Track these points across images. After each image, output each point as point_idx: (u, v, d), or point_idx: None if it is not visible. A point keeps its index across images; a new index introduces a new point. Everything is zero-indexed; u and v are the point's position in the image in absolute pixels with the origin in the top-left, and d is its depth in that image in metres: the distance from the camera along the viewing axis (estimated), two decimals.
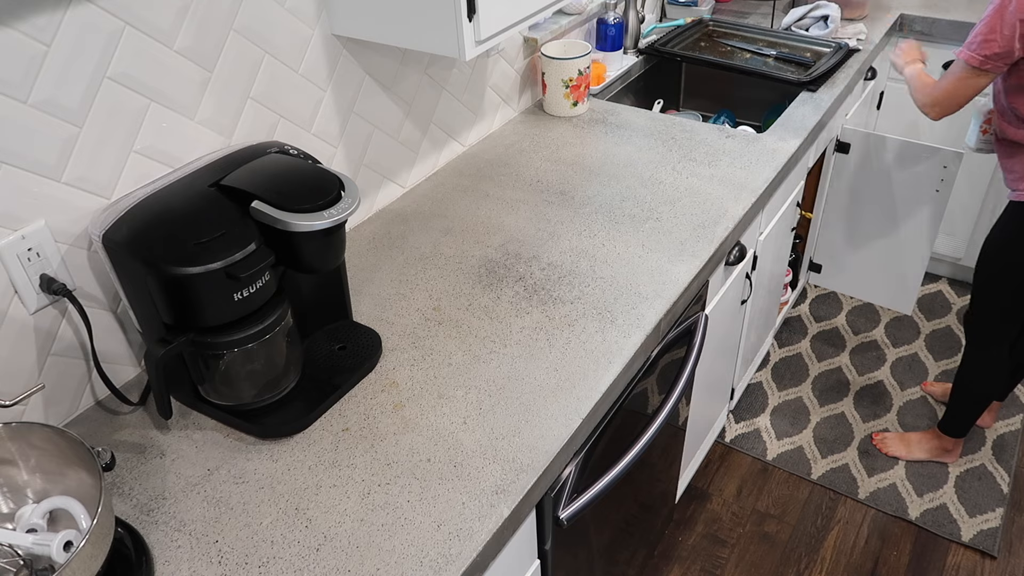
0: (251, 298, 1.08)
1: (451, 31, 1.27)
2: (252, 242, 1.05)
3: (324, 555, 1.00)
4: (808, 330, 2.82)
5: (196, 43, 1.20)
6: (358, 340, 1.30)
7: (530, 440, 1.14)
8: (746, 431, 2.45)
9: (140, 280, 1.05)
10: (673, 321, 1.44)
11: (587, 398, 1.20)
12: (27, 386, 1.13)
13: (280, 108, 1.38)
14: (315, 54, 1.41)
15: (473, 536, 1.02)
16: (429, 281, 1.46)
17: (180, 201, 1.09)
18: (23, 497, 1.01)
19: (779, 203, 2.02)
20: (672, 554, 2.13)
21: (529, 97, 2.06)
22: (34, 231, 1.08)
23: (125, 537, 1.01)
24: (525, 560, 1.23)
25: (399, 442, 1.15)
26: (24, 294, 1.10)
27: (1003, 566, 2.06)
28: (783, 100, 2.11)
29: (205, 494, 1.09)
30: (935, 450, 2.30)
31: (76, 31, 1.05)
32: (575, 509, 1.25)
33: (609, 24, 2.18)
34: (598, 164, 1.80)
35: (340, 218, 1.08)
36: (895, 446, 2.35)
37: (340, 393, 1.22)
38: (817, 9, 2.43)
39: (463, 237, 1.57)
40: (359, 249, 1.55)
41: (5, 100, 1.01)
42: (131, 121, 1.16)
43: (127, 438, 1.18)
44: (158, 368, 1.06)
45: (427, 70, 1.67)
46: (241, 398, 1.17)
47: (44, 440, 0.97)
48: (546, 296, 1.40)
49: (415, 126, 1.69)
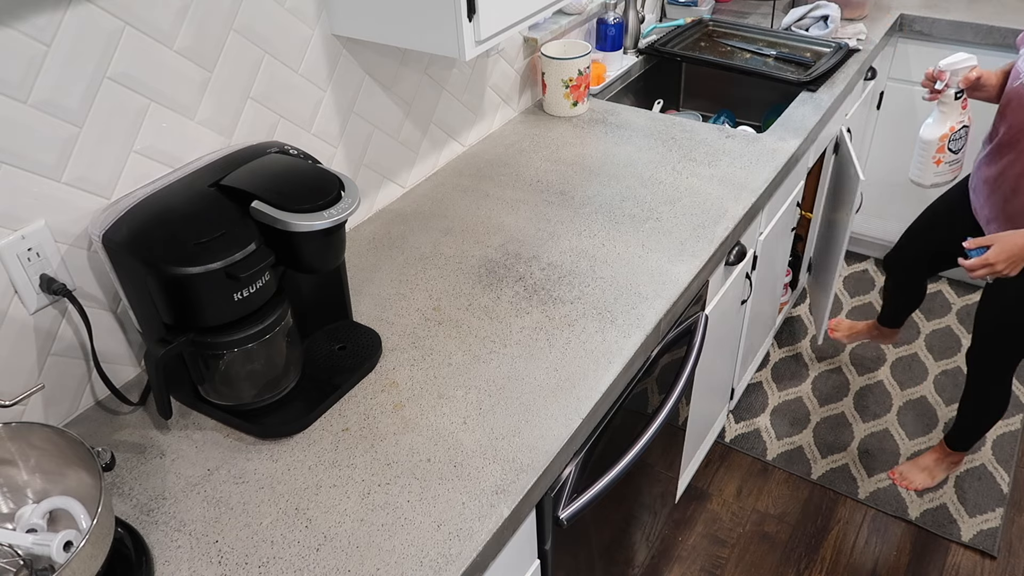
0: (251, 298, 1.08)
1: (451, 31, 1.27)
2: (252, 242, 1.05)
3: (324, 555, 1.00)
4: (808, 330, 2.82)
5: (196, 43, 1.20)
6: (358, 340, 1.30)
7: (530, 440, 1.14)
8: (746, 431, 2.45)
9: (140, 280, 1.05)
10: (673, 321, 1.44)
11: (587, 398, 1.20)
12: (27, 386, 1.13)
13: (280, 108, 1.38)
14: (315, 54, 1.41)
15: (473, 536, 1.02)
16: (429, 281, 1.46)
17: (180, 201, 1.09)
18: (23, 497, 1.01)
19: (779, 203, 2.02)
20: (672, 554, 2.13)
21: (529, 97, 2.06)
22: (34, 231, 1.08)
23: (125, 537, 1.01)
24: (525, 560, 1.23)
25: (399, 442, 1.15)
26: (24, 294, 1.10)
27: (1003, 566, 2.06)
28: (783, 100, 2.11)
29: (205, 494, 1.09)
30: (952, 466, 2.26)
31: (76, 31, 1.05)
32: (575, 509, 1.25)
33: (609, 24, 2.18)
34: (598, 164, 1.80)
35: (340, 218, 1.08)
36: (917, 477, 2.27)
37: (340, 393, 1.22)
38: (817, 9, 2.43)
39: (463, 237, 1.57)
40: (359, 249, 1.55)
41: (5, 100, 1.01)
42: (131, 121, 1.16)
43: (127, 438, 1.18)
44: (158, 368, 1.06)
45: (427, 70, 1.67)
46: (241, 398, 1.17)
47: (44, 440, 0.97)
48: (546, 296, 1.40)
49: (415, 126, 1.69)
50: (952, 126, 1.61)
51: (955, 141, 1.61)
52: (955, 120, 1.62)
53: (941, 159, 1.64)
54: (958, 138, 1.61)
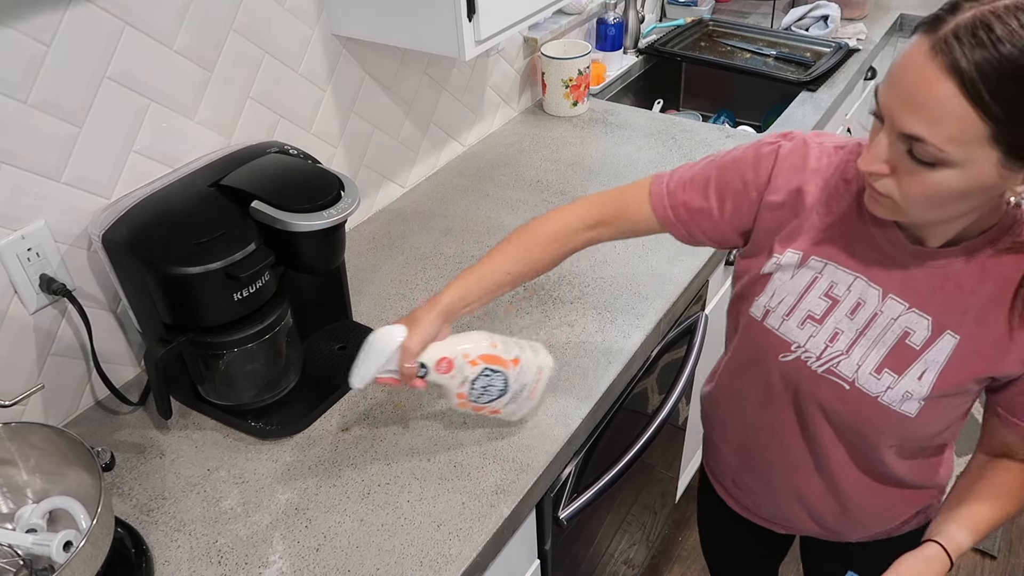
0: (251, 298, 1.08)
1: (451, 31, 1.27)
2: (252, 242, 1.05)
3: (324, 555, 1.00)
4: None
5: (196, 43, 1.20)
6: (358, 340, 1.28)
7: (530, 440, 1.14)
8: None
9: (140, 280, 1.05)
10: (673, 321, 1.44)
11: (587, 398, 1.20)
12: (27, 386, 1.12)
13: (280, 108, 1.38)
14: (315, 54, 1.41)
15: (473, 536, 1.02)
16: (429, 281, 1.45)
17: (180, 201, 1.09)
18: (23, 497, 1.01)
19: None
20: (672, 554, 2.13)
21: (529, 97, 2.06)
22: (34, 231, 1.08)
23: (125, 537, 1.01)
24: (525, 560, 1.23)
25: (399, 442, 1.15)
26: (24, 294, 1.10)
27: (1003, 566, 2.06)
28: (783, 100, 2.11)
29: (205, 494, 1.09)
30: None
31: (76, 31, 1.05)
32: (575, 509, 1.25)
33: (609, 24, 2.18)
34: (598, 164, 1.80)
35: (340, 218, 1.08)
36: None
37: (340, 393, 1.22)
38: (817, 9, 2.43)
39: (463, 237, 1.57)
40: (359, 249, 1.55)
41: (5, 100, 1.01)
42: (131, 121, 1.16)
43: (127, 438, 1.18)
44: (158, 368, 1.06)
45: (427, 70, 1.67)
46: (241, 398, 1.17)
47: (44, 440, 0.97)
48: (546, 296, 1.40)
49: (415, 126, 1.69)
50: (460, 393, 1.07)
51: (483, 394, 1.08)
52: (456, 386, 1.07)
53: (496, 408, 1.11)
54: (483, 390, 1.08)
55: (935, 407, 0.93)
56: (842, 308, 0.95)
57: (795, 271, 0.98)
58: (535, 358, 1.12)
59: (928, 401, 0.93)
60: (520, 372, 1.09)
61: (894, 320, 0.93)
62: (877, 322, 0.94)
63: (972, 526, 0.98)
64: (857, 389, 0.95)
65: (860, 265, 0.94)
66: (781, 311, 0.99)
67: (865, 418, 0.97)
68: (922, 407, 0.93)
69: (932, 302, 0.91)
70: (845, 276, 0.95)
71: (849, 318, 0.95)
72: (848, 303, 0.95)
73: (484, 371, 1.06)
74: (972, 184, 0.76)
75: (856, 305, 0.95)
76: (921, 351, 0.92)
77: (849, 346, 0.95)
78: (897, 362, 0.93)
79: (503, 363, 1.08)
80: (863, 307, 0.94)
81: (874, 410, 0.95)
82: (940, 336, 0.91)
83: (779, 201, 0.97)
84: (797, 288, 0.98)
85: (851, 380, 0.96)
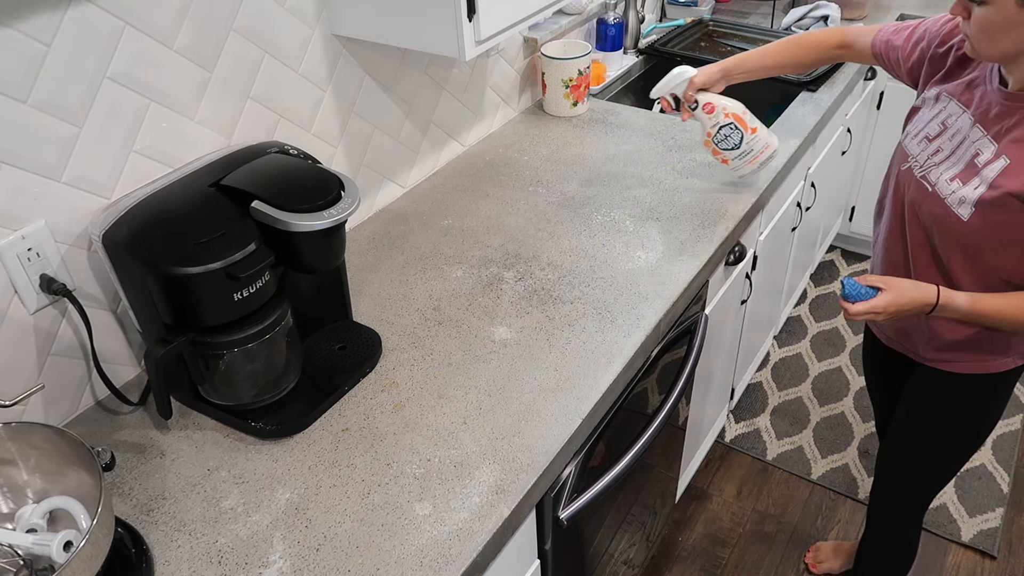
0: (251, 298, 1.08)
1: (451, 31, 1.27)
2: (252, 242, 1.05)
3: (324, 555, 1.00)
4: (808, 330, 2.82)
5: (196, 43, 1.20)
6: (358, 340, 1.30)
7: (530, 440, 1.14)
8: (746, 431, 2.45)
9: (140, 280, 1.05)
10: (673, 321, 1.44)
11: (587, 398, 1.20)
12: (27, 386, 1.13)
13: (280, 108, 1.38)
14: (315, 54, 1.41)
15: (473, 536, 1.02)
16: (429, 281, 1.46)
17: (180, 201, 1.09)
18: (23, 497, 1.01)
19: (779, 203, 2.02)
20: (672, 554, 2.13)
21: (529, 97, 2.06)
22: (34, 231, 1.08)
23: (125, 537, 1.01)
24: (525, 560, 1.23)
25: (399, 442, 1.15)
26: (24, 294, 1.10)
27: (1003, 566, 2.06)
28: (783, 100, 2.11)
29: (205, 494, 1.09)
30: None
31: (76, 31, 1.05)
32: (575, 509, 1.25)
33: (609, 24, 2.19)
34: (598, 164, 1.80)
35: (340, 218, 1.08)
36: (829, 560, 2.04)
37: (340, 393, 1.22)
38: (817, 9, 2.43)
39: (463, 237, 1.57)
40: (359, 249, 1.55)
41: (5, 100, 1.01)
42: (131, 121, 1.16)
43: (127, 438, 1.18)
44: (158, 368, 1.06)
45: (427, 70, 1.67)
46: (241, 398, 1.17)
47: (44, 440, 0.97)
48: (546, 296, 1.40)
49: (415, 126, 1.69)
50: (709, 131, 1.59)
51: (723, 140, 1.58)
52: (709, 126, 1.59)
53: (727, 158, 1.61)
54: (724, 137, 1.58)
55: (982, 216, 1.19)
56: (948, 133, 1.27)
57: (932, 104, 1.32)
58: (767, 137, 1.60)
59: (977, 208, 1.19)
60: (754, 139, 1.57)
61: (973, 143, 1.22)
62: (964, 145, 1.23)
63: (974, 298, 1.24)
64: (935, 192, 1.25)
65: (969, 101, 1.25)
66: (912, 132, 1.34)
67: (936, 217, 1.26)
68: (972, 213, 1.20)
69: (1001, 133, 1.19)
70: (956, 108, 1.27)
71: (949, 140, 1.26)
72: (952, 129, 1.26)
73: (731, 124, 1.56)
74: (1002, 18, 1.07)
75: (956, 131, 1.25)
76: (981, 168, 1.20)
77: (942, 160, 1.26)
78: (965, 174, 1.22)
79: (745, 126, 1.57)
80: (959, 133, 1.25)
81: (942, 210, 1.24)
82: (998, 159, 1.18)
83: (939, 53, 1.33)
84: (927, 117, 1.32)
85: (934, 184, 1.26)
